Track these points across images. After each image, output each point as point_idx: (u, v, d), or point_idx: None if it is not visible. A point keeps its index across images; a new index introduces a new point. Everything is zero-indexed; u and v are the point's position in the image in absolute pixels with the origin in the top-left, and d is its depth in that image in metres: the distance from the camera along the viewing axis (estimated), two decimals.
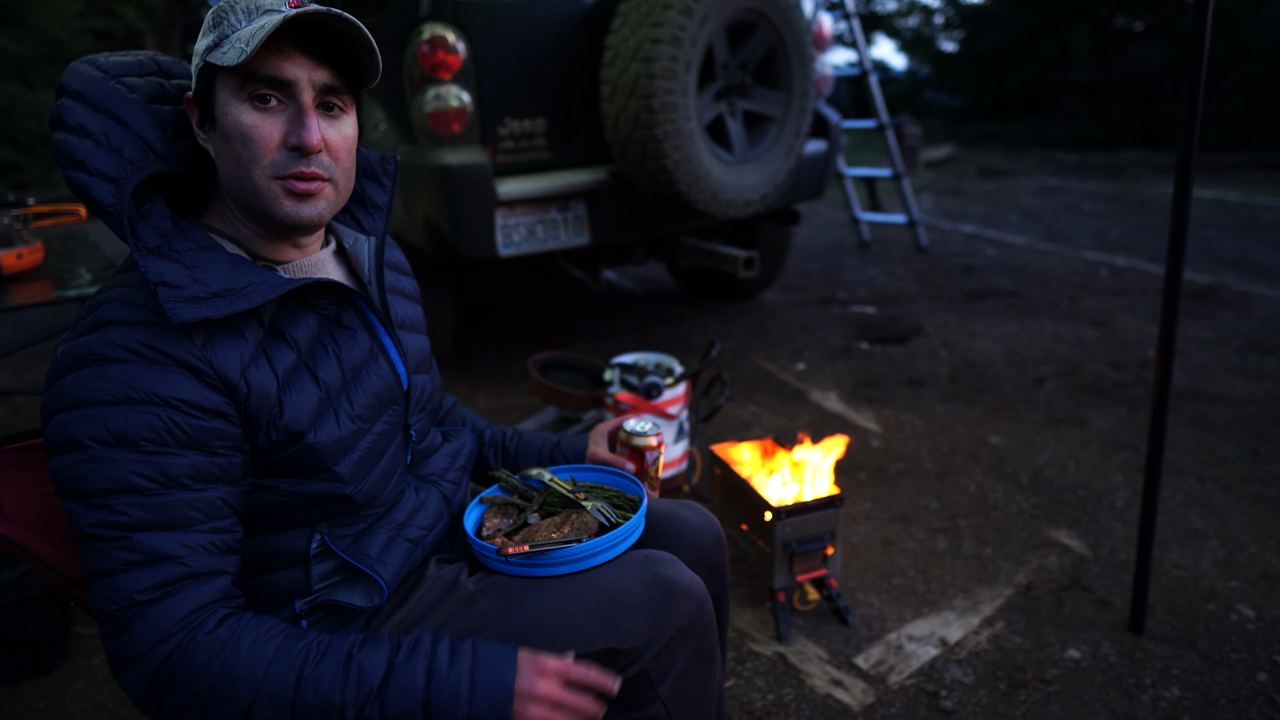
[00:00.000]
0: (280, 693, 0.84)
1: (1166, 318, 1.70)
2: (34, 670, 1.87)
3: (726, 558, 1.25)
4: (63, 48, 9.12)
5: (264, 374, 0.91)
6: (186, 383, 0.86)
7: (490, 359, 3.88)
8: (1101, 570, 2.13)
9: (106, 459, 0.83)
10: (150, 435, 0.84)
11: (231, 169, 0.93)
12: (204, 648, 0.84)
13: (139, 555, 0.84)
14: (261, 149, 0.91)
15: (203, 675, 0.83)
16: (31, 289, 1.94)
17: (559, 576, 1.04)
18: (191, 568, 0.86)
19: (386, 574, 1.02)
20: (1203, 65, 1.58)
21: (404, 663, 0.88)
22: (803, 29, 3.17)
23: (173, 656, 0.84)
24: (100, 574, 0.84)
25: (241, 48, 0.87)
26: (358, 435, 0.99)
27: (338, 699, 0.85)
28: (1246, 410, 3.03)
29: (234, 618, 0.88)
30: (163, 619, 0.84)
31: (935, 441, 2.89)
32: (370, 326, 1.06)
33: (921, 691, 1.74)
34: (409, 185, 3.01)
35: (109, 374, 0.84)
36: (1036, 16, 12.71)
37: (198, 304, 0.85)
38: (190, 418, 0.86)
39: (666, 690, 1.04)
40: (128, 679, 0.85)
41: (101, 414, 0.83)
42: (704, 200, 3.02)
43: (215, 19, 0.92)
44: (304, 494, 0.96)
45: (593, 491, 1.19)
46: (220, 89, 0.92)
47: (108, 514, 0.83)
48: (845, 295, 4.81)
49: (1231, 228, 6.21)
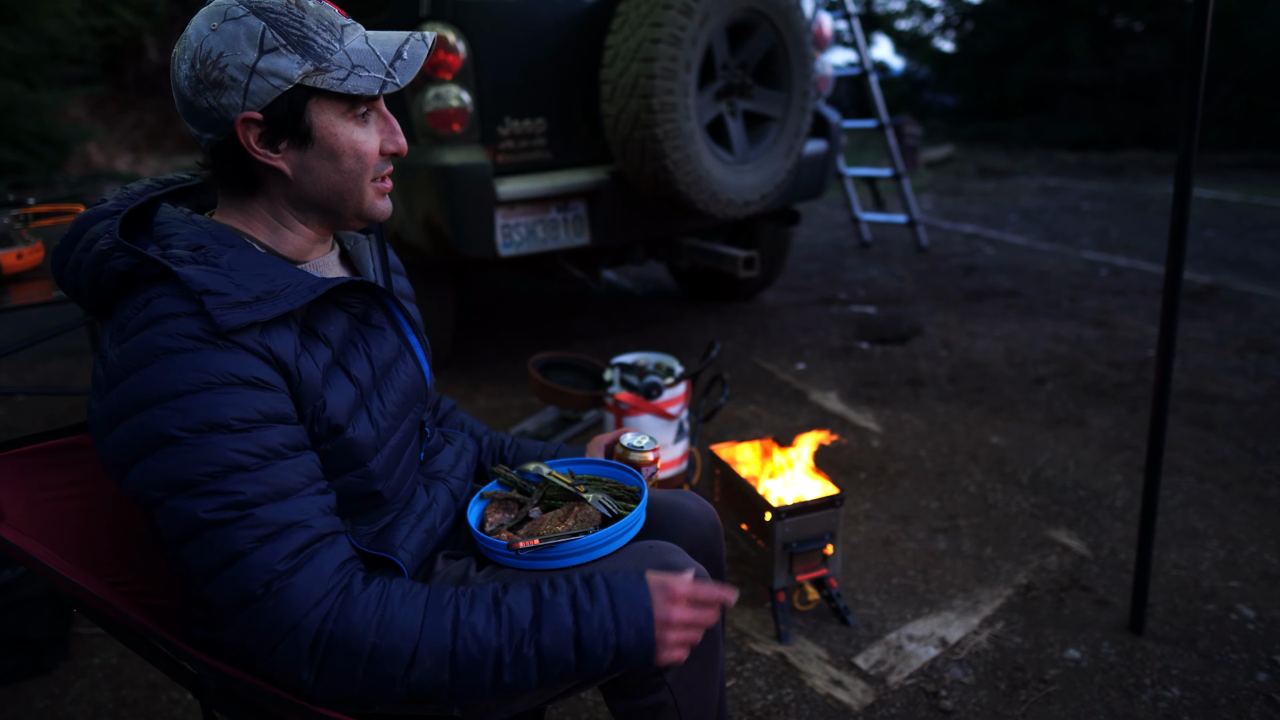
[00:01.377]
0: (440, 641, 0.87)
1: (1166, 318, 1.70)
2: (34, 670, 1.87)
3: (723, 543, 1.27)
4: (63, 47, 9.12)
5: (309, 366, 0.92)
6: (256, 363, 0.87)
7: (490, 359, 3.88)
8: (1101, 570, 2.13)
9: (205, 444, 0.83)
10: (239, 413, 0.84)
11: (336, 182, 0.96)
12: (360, 606, 0.86)
13: (266, 529, 0.84)
14: (371, 160, 0.97)
15: (363, 632, 0.85)
16: (31, 289, 1.94)
17: (567, 568, 1.06)
18: (318, 529, 0.88)
19: (407, 558, 1.04)
20: (1203, 65, 1.58)
21: (550, 600, 0.91)
22: (803, 29, 3.17)
23: (328, 619, 0.85)
24: (228, 560, 0.83)
25: (381, 79, 0.93)
26: (389, 432, 1.02)
27: (494, 641, 0.88)
28: (1246, 410, 3.03)
29: (374, 577, 0.91)
30: (310, 585, 0.85)
31: (935, 441, 2.89)
32: (397, 325, 1.08)
33: (921, 691, 1.74)
34: (409, 185, 3.01)
35: (181, 364, 0.84)
36: (1036, 16, 12.70)
37: (243, 309, 0.86)
38: (269, 392, 0.87)
39: (673, 677, 1.08)
40: (282, 654, 0.85)
41: (186, 403, 0.83)
42: (704, 200, 3.02)
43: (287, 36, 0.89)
44: (334, 490, 0.97)
45: (591, 484, 1.21)
46: (321, 110, 0.93)
47: (220, 497, 0.83)
48: (845, 295, 4.81)
49: (1231, 228, 6.21)
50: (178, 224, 0.93)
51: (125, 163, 11.43)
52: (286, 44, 0.89)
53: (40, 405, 3.53)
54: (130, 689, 1.83)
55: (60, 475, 1.07)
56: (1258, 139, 10.27)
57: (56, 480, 1.06)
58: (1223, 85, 10.56)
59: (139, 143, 12.28)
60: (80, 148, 9.98)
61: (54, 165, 8.76)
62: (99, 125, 11.20)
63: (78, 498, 1.08)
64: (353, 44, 0.93)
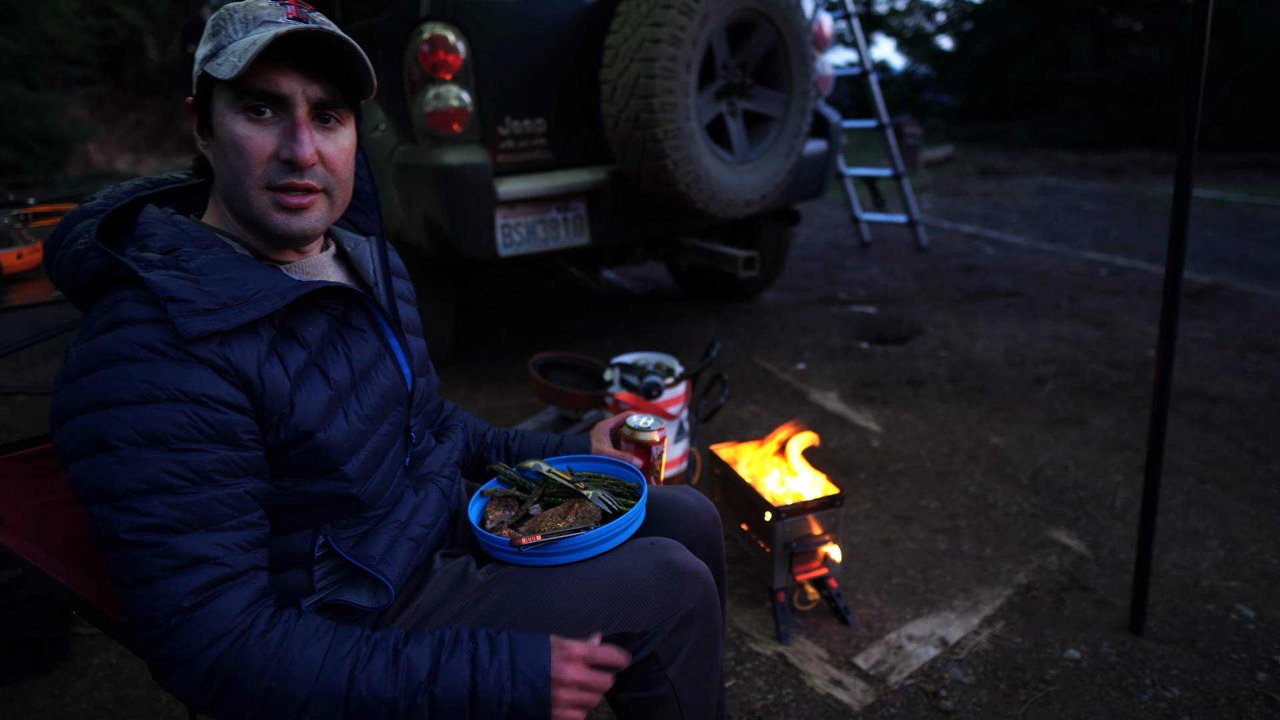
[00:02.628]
0: (335, 690, 0.87)
1: (1166, 318, 1.70)
2: (34, 670, 1.87)
3: (722, 537, 1.29)
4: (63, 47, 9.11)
5: (277, 372, 0.91)
6: (209, 378, 0.86)
7: (490, 359, 3.88)
8: (1101, 570, 2.13)
9: (136, 459, 0.83)
10: (178, 432, 0.84)
11: (226, 178, 0.95)
12: (258, 649, 0.86)
13: (177, 560, 0.84)
14: (253, 160, 0.92)
15: (259, 676, 0.85)
16: (31, 289, 1.94)
17: (569, 564, 1.06)
18: (231, 567, 0.87)
19: (392, 574, 1.02)
20: (1203, 65, 1.58)
21: (449, 655, 0.92)
22: (803, 29, 3.17)
23: (224, 659, 0.85)
24: (137, 581, 0.84)
25: (235, 61, 0.88)
26: (365, 435, 1.00)
27: (389, 693, 0.88)
28: (1246, 410, 3.03)
29: (282, 618, 0.89)
30: (211, 623, 0.84)
31: (935, 441, 2.89)
32: (378, 328, 1.07)
33: (921, 691, 1.74)
34: (409, 185, 3.00)
35: (131, 373, 0.83)
36: (1036, 16, 12.70)
37: (208, 316, 0.85)
38: (215, 412, 0.86)
39: (675, 671, 1.08)
40: (177, 680, 0.85)
41: (127, 414, 0.83)
42: (704, 200, 3.02)
43: (214, 27, 0.93)
44: (310, 494, 0.97)
45: (591, 480, 1.22)
46: (217, 99, 0.93)
47: (139, 517, 0.83)
48: (845, 295, 4.81)
49: (1231, 228, 6.21)
50: (157, 225, 0.94)
51: (125, 163, 11.43)
52: (210, 33, 0.93)
53: (40, 405, 3.53)
54: (130, 689, 1.83)
55: (58, 479, 1.07)
56: (1258, 139, 10.27)
57: (54, 484, 1.06)
58: (1223, 85, 10.55)
59: (139, 143, 12.28)
60: (80, 148, 9.97)
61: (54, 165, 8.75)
62: (99, 125, 11.19)
63: (74, 501, 1.08)
64: (253, 34, 0.91)
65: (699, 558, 1.16)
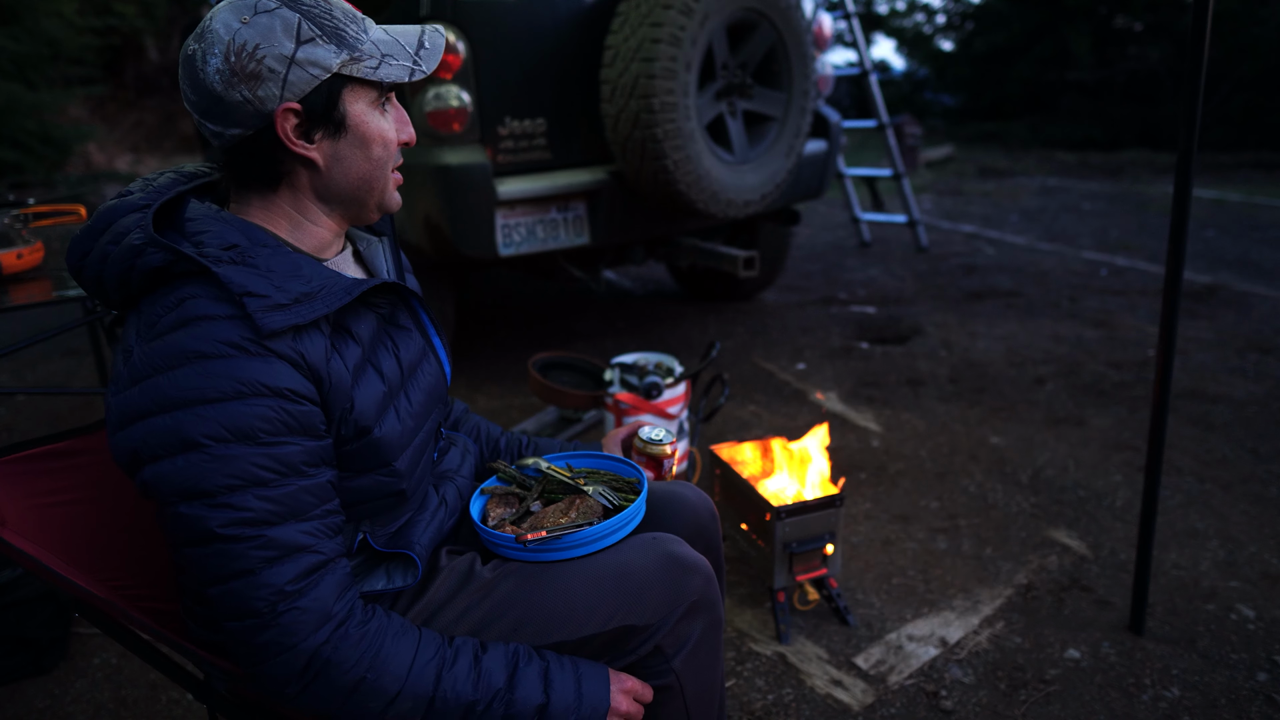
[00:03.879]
0: (423, 688, 0.92)
1: (1166, 318, 1.70)
2: (34, 670, 1.87)
3: (720, 532, 1.30)
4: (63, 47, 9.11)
5: (339, 368, 0.93)
6: (288, 372, 0.87)
7: (490, 359, 3.88)
8: (1101, 570, 2.13)
9: (228, 456, 0.84)
10: (266, 426, 0.85)
11: (365, 170, 0.98)
12: (356, 640, 0.89)
13: (276, 551, 0.86)
14: (394, 149, 1.00)
15: (355, 666, 0.88)
16: (31, 289, 1.94)
17: (574, 559, 1.07)
18: (323, 554, 0.89)
19: (422, 553, 1.05)
20: (1203, 65, 1.58)
21: (525, 665, 0.98)
22: (803, 29, 3.17)
23: (326, 646, 0.87)
24: (235, 574, 0.85)
25: (410, 66, 0.96)
26: (414, 432, 1.03)
27: (470, 695, 0.94)
28: (1246, 410, 3.03)
29: (375, 611, 0.94)
30: (314, 610, 0.87)
31: (935, 441, 2.89)
32: (422, 326, 1.10)
33: (921, 691, 1.74)
34: (409, 185, 3.00)
35: (213, 370, 0.84)
36: (1036, 16, 12.70)
37: (284, 311, 0.87)
38: (298, 404, 0.88)
39: (680, 663, 1.10)
40: (274, 669, 0.87)
41: (214, 411, 0.83)
42: (704, 200, 3.02)
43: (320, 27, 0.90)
44: (359, 489, 0.99)
45: (590, 476, 1.22)
46: (355, 99, 0.95)
47: (233, 512, 0.84)
48: (845, 295, 4.81)
49: (1231, 228, 6.21)
50: (209, 221, 0.92)
51: (125, 163, 11.43)
52: (322, 35, 0.91)
53: (40, 405, 3.53)
54: (130, 689, 1.83)
55: (59, 480, 1.07)
56: (1258, 139, 10.26)
57: (56, 485, 1.06)
58: (1222, 85, 10.55)
59: (139, 143, 12.28)
60: (80, 148, 9.98)
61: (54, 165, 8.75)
62: (99, 125, 11.20)
63: (77, 502, 1.08)
64: (375, 35, 0.96)
65: (699, 551, 1.17)
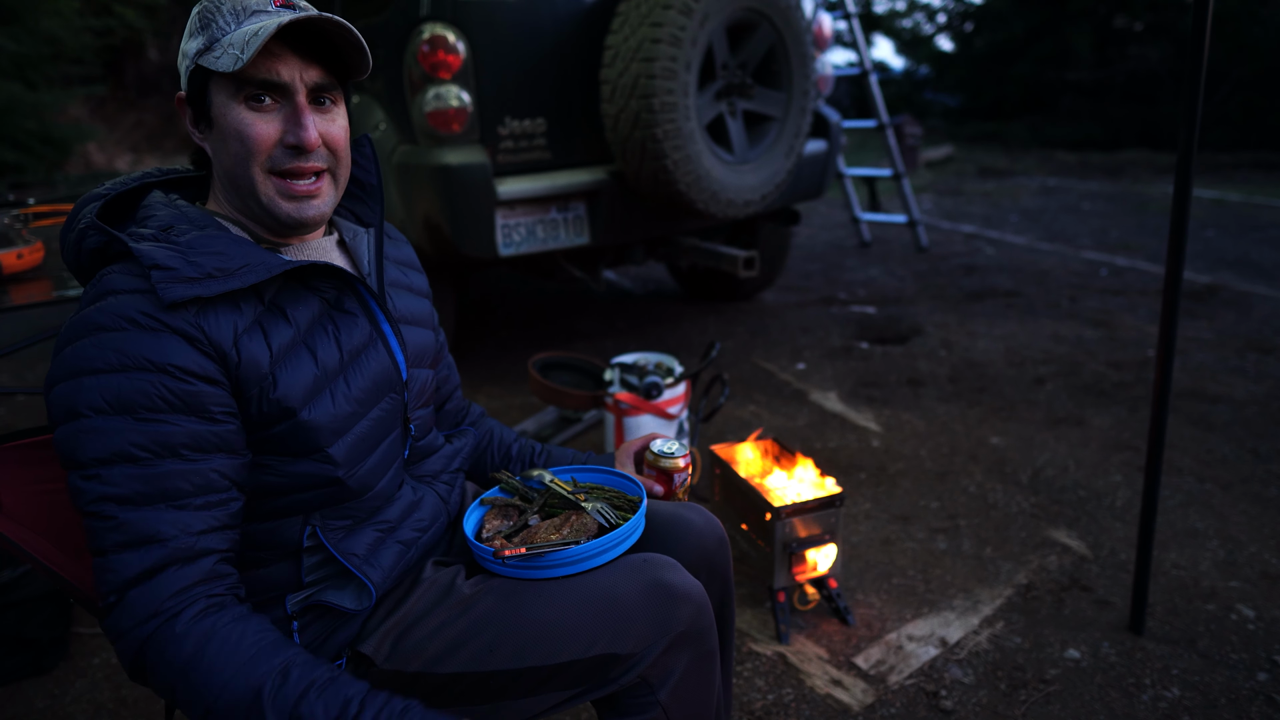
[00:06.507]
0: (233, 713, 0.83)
1: (1166, 318, 1.70)
2: (34, 670, 1.87)
3: (730, 559, 1.23)
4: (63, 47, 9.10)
5: (257, 346, 0.93)
6: (179, 347, 0.87)
7: (490, 359, 3.88)
8: (1101, 570, 2.13)
9: (104, 429, 0.85)
10: (144, 401, 0.85)
11: (230, 166, 0.97)
12: (174, 642, 0.84)
13: (126, 537, 0.85)
14: (259, 147, 0.95)
15: (169, 668, 0.85)
16: (31, 289, 1.94)
17: (557, 579, 1.03)
18: (177, 549, 0.87)
19: (375, 576, 1.02)
20: (1203, 65, 1.58)
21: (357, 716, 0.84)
22: (803, 29, 3.17)
23: (150, 641, 0.85)
24: (98, 550, 0.86)
25: (237, 55, 0.90)
26: (353, 418, 1.01)
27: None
28: (1246, 410, 3.03)
29: (213, 614, 0.86)
30: (143, 602, 0.85)
31: (935, 441, 2.89)
32: (371, 314, 1.07)
33: (921, 691, 1.74)
34: (409, 185, 3.00)
35: (104, 342, 0.86)
36: (1036, 16, 12.70)
37: (189, 284, 0.88)
38: (182, 383, 0.87)
39: (666, 695, 1.04)
40: (119, 651, 0.88)
41: (97, 382, 0.85)
42: (704, 200, 3.02)
43: (202, 20, 0.95)
44: (295, 474, 0.97)
45: (593, 492, 1.19)
46: (216, 92, 0.95)
47: (101, 485, 0.84)
48: (845, 295, 4.81)
49: (1231, 228, 6.21)
50: (158, 208, 0.97)
51: (125, 163, 11.43)
52: (199, 26, 0.94)
53: (40, 404, 3.53)
54: (130, 688, 1.83)
55: (58, 468, 1.07)
56: (1258, 139, 10.26)
57: (55, 473, 1.06)
58: (1222, 85, 10.55)
59: (139, 143, 12.27)
60: (80, 148, 9.97)
61: (54, 165, 8.74)
62: (99, 125, 11.19)
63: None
64: (247, 26, 0.93)
65: (701, 579, 1.12)
